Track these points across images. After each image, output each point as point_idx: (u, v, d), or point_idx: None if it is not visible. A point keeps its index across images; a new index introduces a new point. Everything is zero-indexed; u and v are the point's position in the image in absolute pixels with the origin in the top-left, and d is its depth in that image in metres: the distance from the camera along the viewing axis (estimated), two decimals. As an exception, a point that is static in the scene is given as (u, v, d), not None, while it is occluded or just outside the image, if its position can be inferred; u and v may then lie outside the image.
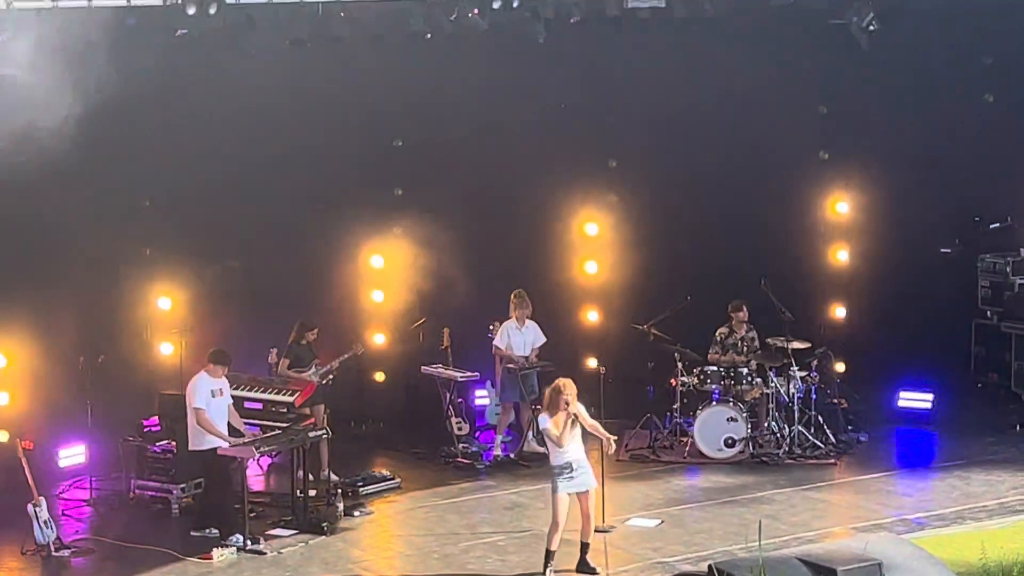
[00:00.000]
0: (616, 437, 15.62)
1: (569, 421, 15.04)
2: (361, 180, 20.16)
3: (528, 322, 19.58)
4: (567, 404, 15.03)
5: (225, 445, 16.31)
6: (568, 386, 15.14)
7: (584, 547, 15.26)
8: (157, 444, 17.59)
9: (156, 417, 17.97)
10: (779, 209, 21.02)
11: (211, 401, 16.46)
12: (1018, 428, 20.51)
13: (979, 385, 22.36)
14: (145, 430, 17.86)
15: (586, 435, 15.28)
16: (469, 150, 20.36)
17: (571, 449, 15.09)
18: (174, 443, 17.39)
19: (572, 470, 15.02)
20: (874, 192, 21.19)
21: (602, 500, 16.64)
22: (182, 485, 17.31)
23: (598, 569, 15.17)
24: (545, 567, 15.06)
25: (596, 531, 16.23)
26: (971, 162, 21.51)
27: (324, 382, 18.46)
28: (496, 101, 20.26)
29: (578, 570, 15.23)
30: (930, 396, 20.86)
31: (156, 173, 18.86)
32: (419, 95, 19.99)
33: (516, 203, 20.82)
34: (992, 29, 20.71)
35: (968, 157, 21.49)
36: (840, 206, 21.51)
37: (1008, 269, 22.17)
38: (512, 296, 19.55)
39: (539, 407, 19.34)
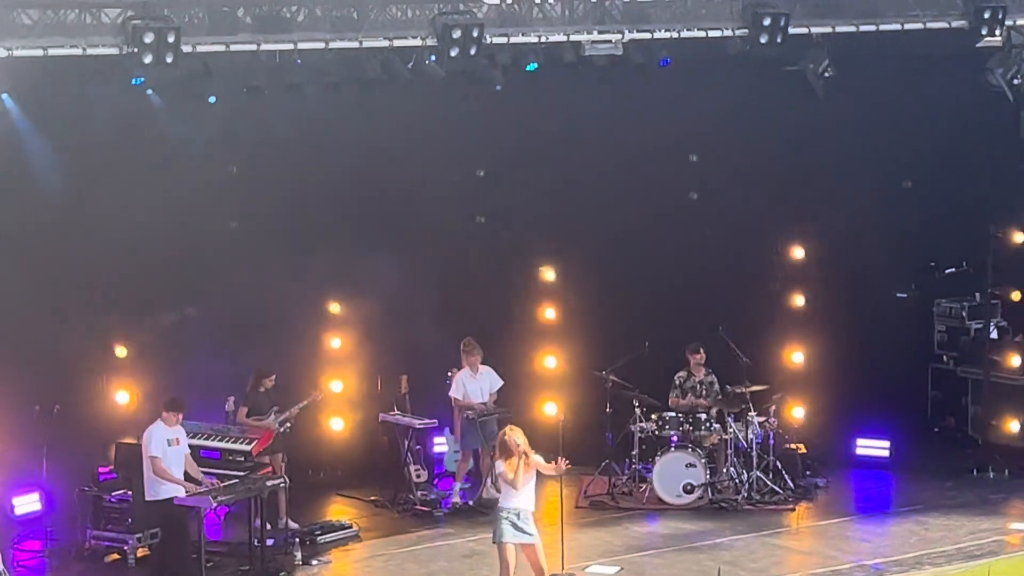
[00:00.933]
0: (567, 462, 15.57)
1: (522, 464, 15.03)
2: (320, 226, 20.08)
3: (482, 368, 19.54)
4: (518, 445, 15.07)
5: (182, 494, 16.20)
6: (517, 432, 15.24)
7: None
8: (113, 493, 17.46)
9: (112, 466, 17.84)
10: (736, 254, 21.08)
11: (167, 450, 16.34)
12: (975, 472, 20.58)
13: (936, 430, 22.44)
14: (101, 479, 17.73)
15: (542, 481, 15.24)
16: (429, 193, 20.32)
17: (523, 496, 15.12)
18: (130, 492, 17.27)
19: (518, 517, 15.05)
20: (831, 237, 21.29)
21: (561, 547, 16.61)
22: (138, 535, 17.19)
23: None
24: None
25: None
26: (927, 207, 21.63)
27: (283, 429, 18.38)
28: (454, 146, 20.29)
29: None
30: (887, 444, 20.92)
31: (113, 217, 18.77)
32: (377, 141, 19.96)
33: (474, 249, 20.81)
34: (947, 71, 20.82)
35: (923, 202, 21.62)
36: (797, 251, 21.59)
37: (964, 314, 22.30)
38: (462, 345, 19.52)
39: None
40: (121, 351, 18.85)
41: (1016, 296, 22.24)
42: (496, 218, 20.99)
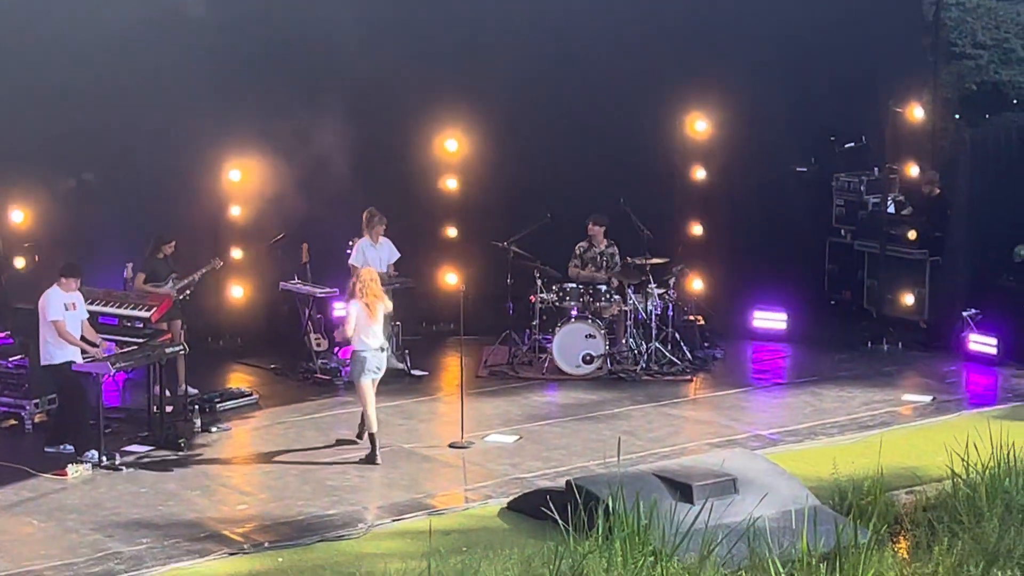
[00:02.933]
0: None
1: (368, 309, 16.04)
2: (221, 93, 19.81)
3: (382, 239, 19.46)
4: (361, 292, 16.03)
5: (79, 359, 16.10)
6: (365, 274, 16.39)
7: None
8: (10, 359, 17.29)
9: (8, 332, 17.68)
10: (638, 127, 21.05)
11: (65, 314, 16.21)
12: (869, 345, 20.88)
13: (832, 302, 22.70)
14: (-2, 345, 17.60)
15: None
16: (337, 66, 20.10)
17: (373, 338, 16.11)
18: (27, 358, 17.13)
19: (375, 357, 16.12)
20: (731, 111, 21.30)
21: (461, 416, 16.73)
22: (36, 400, 17.07)
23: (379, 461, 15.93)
24: (375, 450, 15.95)
25: (453, 447, 16.37)
26: (826, 81, 21.69)
27: (181, 297, 18.27)
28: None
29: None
30: (784, 316, 21.17)
31: (9, 80, 18.45)
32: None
33: (377, 119, 20.63)
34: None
35: (823, 77, 21.68)
36: (698, 124, 21.61)
37: (862, 188, 22.46)
38: (364, 213, 19.43)
39: (397, 323, 19.47)
40: (17, 216, 18.59)
41: (913, 171, 22.45)
42: (400, 87, 20.76)
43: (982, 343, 19.99)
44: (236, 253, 20.08)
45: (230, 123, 19.61)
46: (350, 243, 19.50)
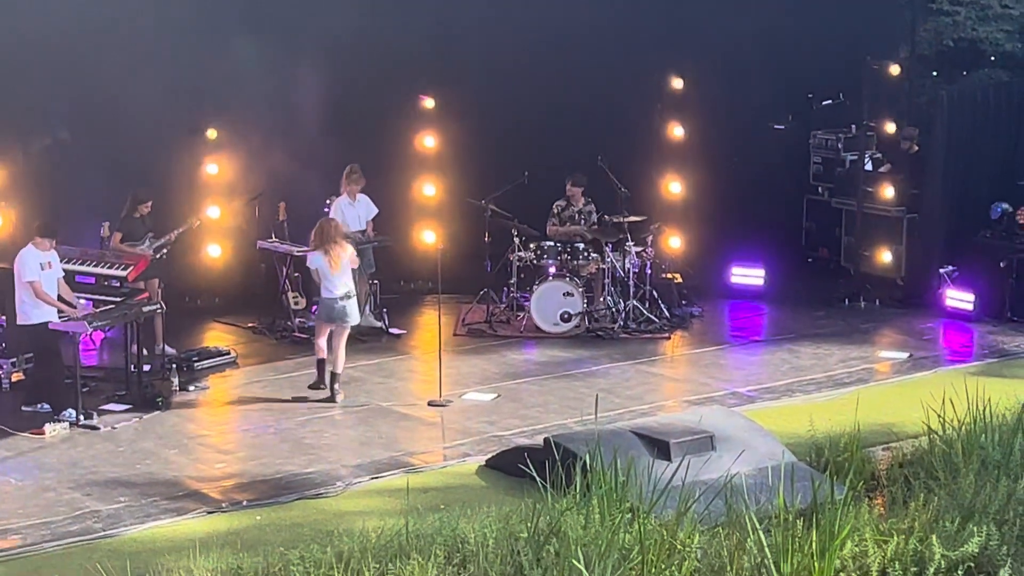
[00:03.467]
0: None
1: (328, 258, 16.56)
2: (198, 50, 19.70)
3: (360, 196, 19.43)
4: (321, 241, 16.65)
5: (55, 318, 16.06)
6: (326, 225, 16.97)
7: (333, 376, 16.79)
8: (-14, 319, 17.30)
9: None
10: (616, 85, 21.01)
11: (40, 274, 16.16)
12: (846, 302, 20.94)
13: (809, 260, 22.76)
14: (-27, 304, 17.52)
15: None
16: (315, 21, 20.00)
17: (338, 287, 16.63)
18: (3, 317, 17.08)
19: (337, 302, 16.66)
20: (709, 68, 21.27)
21: (439, 374, 16.74)
22: (12, 359, 17.04)
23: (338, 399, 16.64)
24: (332, 387, 16.74)
25: (432, 404, 16.40)
26: (805, 38, 21.67)
27: (158, 256, 18.22)
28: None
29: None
30: (761, 272, 21.21)
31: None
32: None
33: (354, 76, 20.55)
34: None
35: (802, 33, 21.66)
36: (676, 81, 21.57)
37: (840, 145, 22.51)
38: (346, 171, 19.38)
39: (375, 282, 19.46)
40: (-7, 175, 18.52)
41: (890, 128, 22.47)
42: (378, 43, 20.67)
43: (959, 299, 20.06)
44: (213, 211, 19.99)
45: (207, 80, 19.52)
46: (328, 201, 19.45)
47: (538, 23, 21.02)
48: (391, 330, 19.36)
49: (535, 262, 19.51)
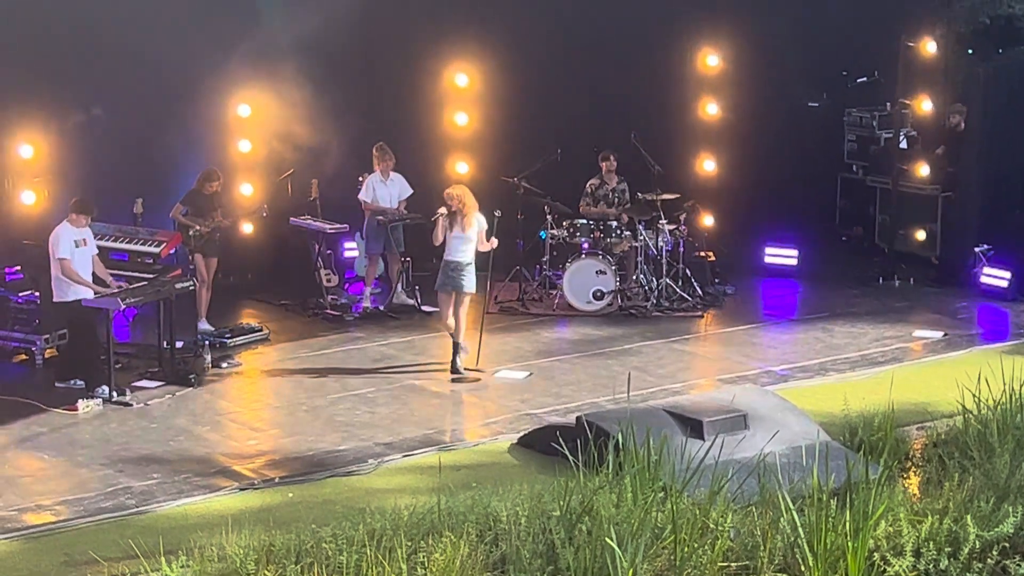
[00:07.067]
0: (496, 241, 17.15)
1: (442, 220, 16.65)
2: (231, 29, 19.67)
3: (393, 174, 19.43)
4: (451, 198, 16.75)
5: (90, 295, 16.10)
6: (459, 188, 17.07)
7: (455, 347, 16.64)
8: (20, 295, 17.31)
9: (18, 267, 17.66)
10: (649, 62, 20.95)
11: (75, 251, 16.19)
12: (881, 281, 20.86)
13: (844, 238, 22.68)
14: (8, 280, 17.56)
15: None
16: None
17: (452, 251, 16.69)
18: (38, 293, 17.13)
19: (450, 270, 16.62)
20: (743, 46, 21.19)
21: (478, 348, 16.77)
22: (46, 336, 17.09)
23: (463, 372, 16.62)
24: (454, 356, 16.74)
25: (469, 370, 16.55)
26: (839, 16, 21.57)
27: (216, 236, 18.26)
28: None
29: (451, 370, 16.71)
30: (795, 252, 21.13)
31: (20, 15, 18.35)
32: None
33: (386, 53, 20.53)
34: None
35: (836, 11, 21.55)
36: (710, 59, 21.49)
37: (874, 123, 22.42)
38: (374, 149, 19.39)
39: (407, 259, 19.47)
40: (27, 151, 18.51)
41: (925, 106, 22.34)
42: (408, 22, 20.63)
43: (994, 278, 19.96)
44: (246, 189, 20.00)
45: (239, 58, 19.50)
46: (360, 178, 19.46)
47: (568, 3, 20.95)
48: (423, 308, 19.34)
49: (568, 240, 19.48)
